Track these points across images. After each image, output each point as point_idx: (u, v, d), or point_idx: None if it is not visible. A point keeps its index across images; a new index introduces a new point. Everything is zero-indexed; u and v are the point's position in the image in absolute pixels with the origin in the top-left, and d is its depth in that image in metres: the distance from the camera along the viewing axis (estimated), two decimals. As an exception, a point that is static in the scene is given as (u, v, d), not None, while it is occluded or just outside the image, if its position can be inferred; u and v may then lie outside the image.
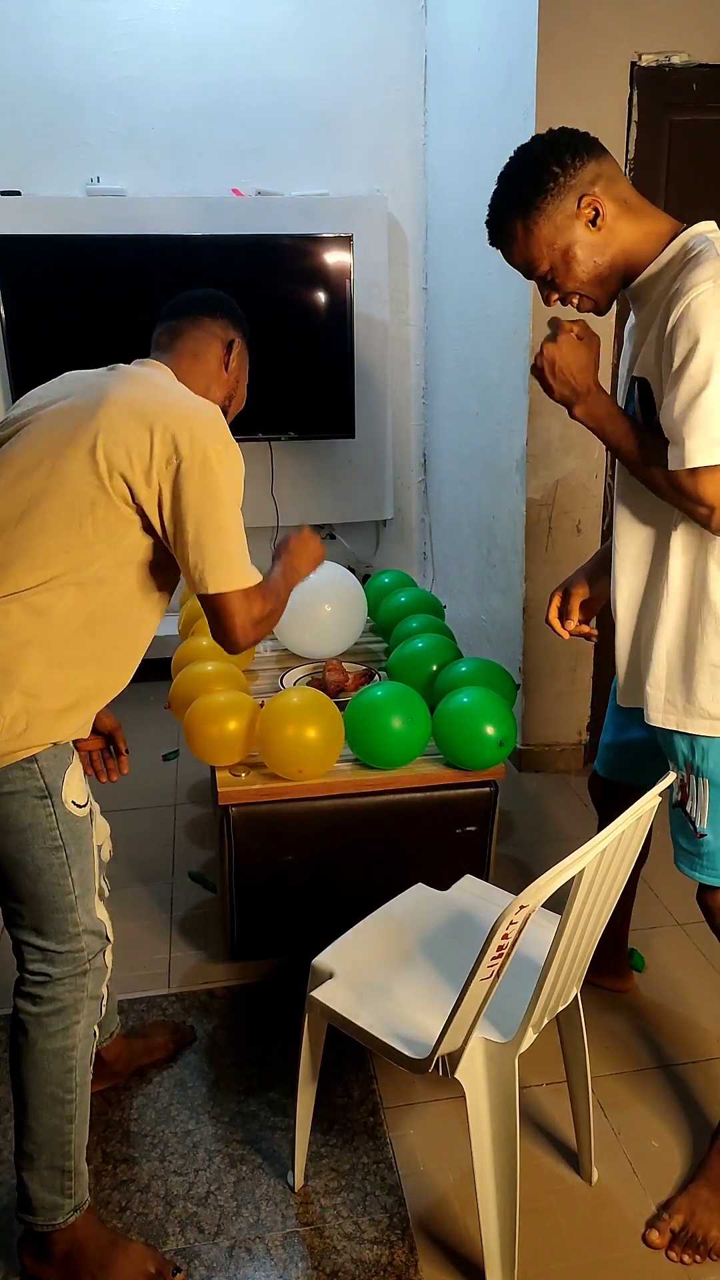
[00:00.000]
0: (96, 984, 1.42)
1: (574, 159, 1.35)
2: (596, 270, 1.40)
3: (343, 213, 3.44)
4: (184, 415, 1.33)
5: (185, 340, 1.54)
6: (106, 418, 1.31)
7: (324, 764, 1.96)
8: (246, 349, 1.61)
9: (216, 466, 1.31)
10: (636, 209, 1.40)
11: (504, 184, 1.41)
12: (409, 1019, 1.43)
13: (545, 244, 1.38)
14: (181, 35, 3.31)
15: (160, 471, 1.30)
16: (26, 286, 3.28)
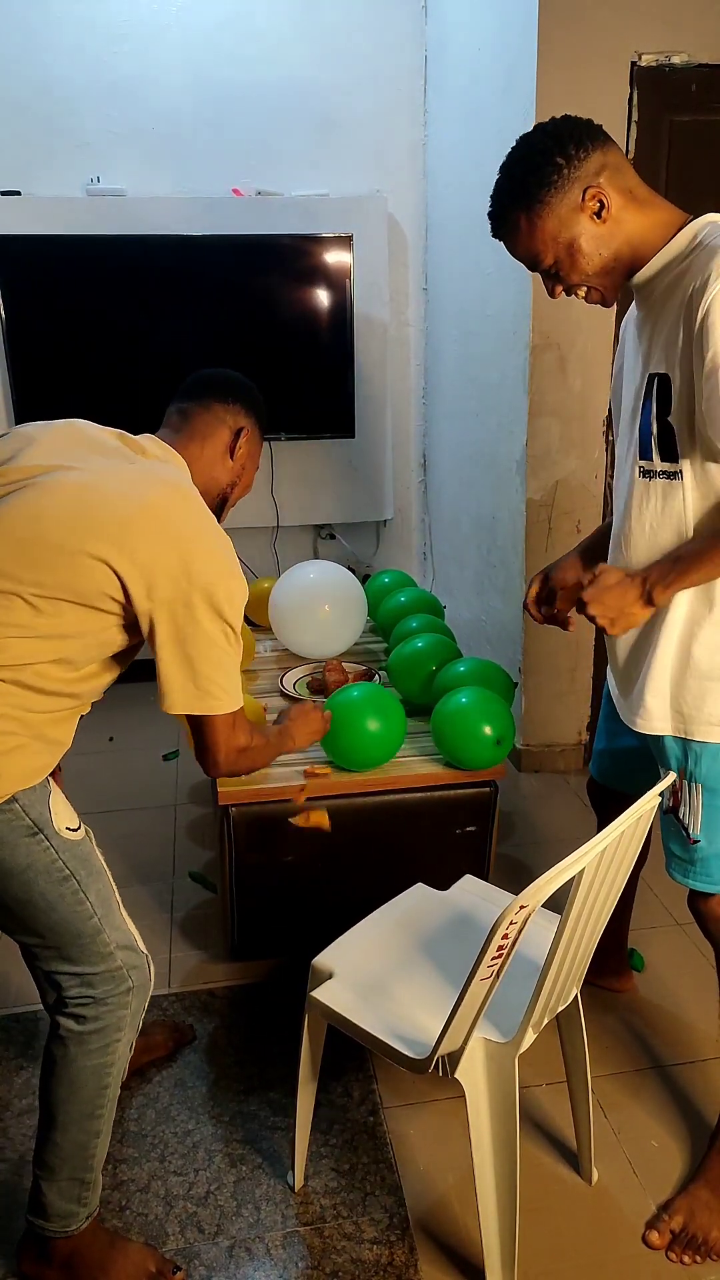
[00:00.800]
0: (141, 1000, 1.42)
1: (578, 149, 1.33)
2: (602, 262, 1.38)
3: (343, 213, 3.44)
4: (197, 545, 1.31)
5: (195, 423, 1.52)
6: (131, 536, 1.27)
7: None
8: (260, 431, 1.60)
9: (224, 601, 1.31)
10: (643, 199, 1.38)
11: (506, 175, 1.37)
12: (409, 1019, 1.43)
13: (550, 237, 1.36)
14: (181, 35, 3.31)
15: (164, 596, 1.29)
16: (26, 286, 3.28)
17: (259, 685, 2.44)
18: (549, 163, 1.32)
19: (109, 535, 1.25)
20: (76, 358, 3.39)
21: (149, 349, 3.40)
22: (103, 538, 1.25)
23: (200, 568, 1.29)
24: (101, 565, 1.25)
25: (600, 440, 2.84)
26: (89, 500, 1.28)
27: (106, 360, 3.40)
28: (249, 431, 1.56)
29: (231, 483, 1.57)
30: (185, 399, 1.55)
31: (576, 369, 2.76)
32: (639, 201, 1.38)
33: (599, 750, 1.84)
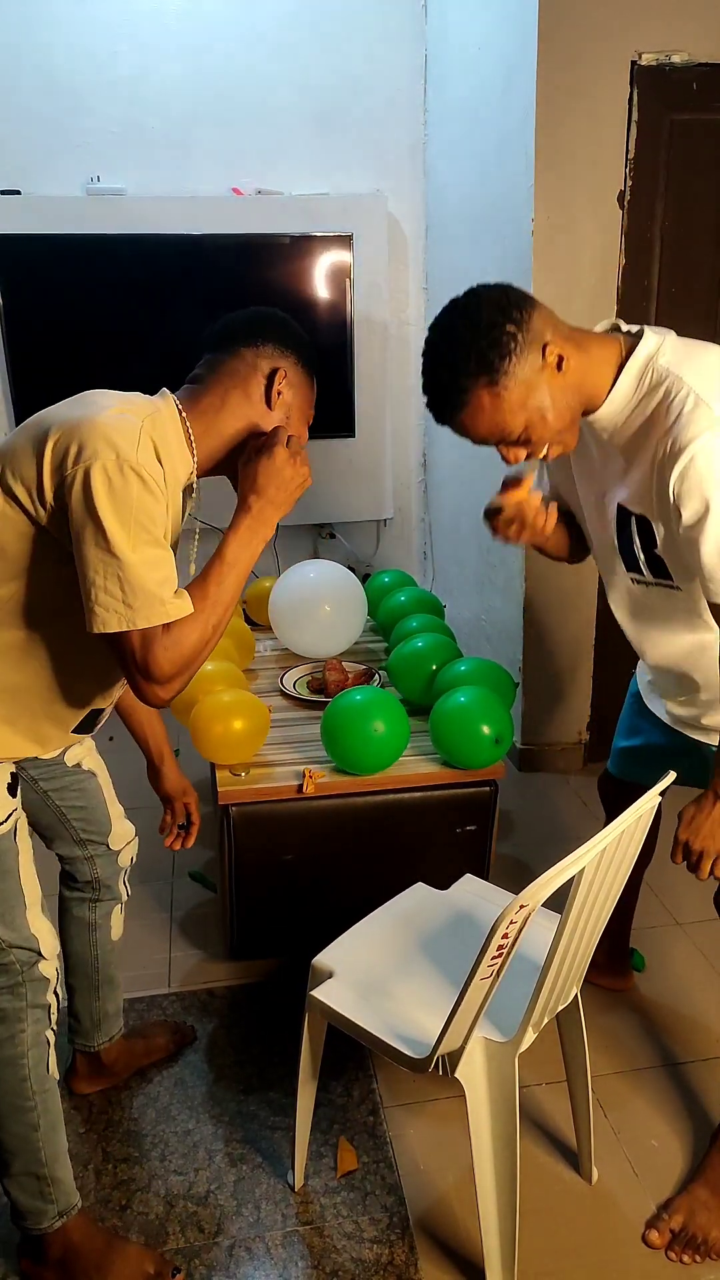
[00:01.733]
0: (37, 994, 1.39)
1: (520, 313, 1.28)
2: (571, 416, 1.35)
3: (343, 212, 3.44)
4: (81, 425, 1.18)
5: (220, 376, 1.34)
6: (17, 441, 1.23)
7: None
8: (304, 369, 1.38)
9: (100, 484, 1.15)
10: (579, 341, 1.35)
11: (456, 352, 1.29)
12: (409, 1018, 1.43)
13: (518, 407, 1.30)
14: (181, 35, 3.31)
15: (48, 489, 1.19)
16: (26, 286, 3.28)
17: (259, 685, 2.44)
18: (502, 331, 1.27)
19: (3, 451, 1.24)
20: (76, 357, 3.39)
21: (149, 348, 3.40)
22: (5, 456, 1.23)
23: (66, 456, 1.17)
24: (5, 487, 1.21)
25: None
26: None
27: (106, 360, 3.39)
28: (288, 371, 1.35)
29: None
30: (211, 349, 1.38)
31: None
32: (579, 344, 1.35)
33: (621, 748, 1.84)
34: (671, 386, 1.30)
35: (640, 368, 1.34)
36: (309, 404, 1.41)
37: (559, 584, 2.92)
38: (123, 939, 1.79)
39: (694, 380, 1.29)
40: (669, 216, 2.67)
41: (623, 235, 2.66)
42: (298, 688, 2.37)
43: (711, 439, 1.24)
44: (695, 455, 1.25)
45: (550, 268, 2.66)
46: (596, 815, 2.81)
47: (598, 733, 3.12)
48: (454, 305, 1.32)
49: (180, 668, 1.24)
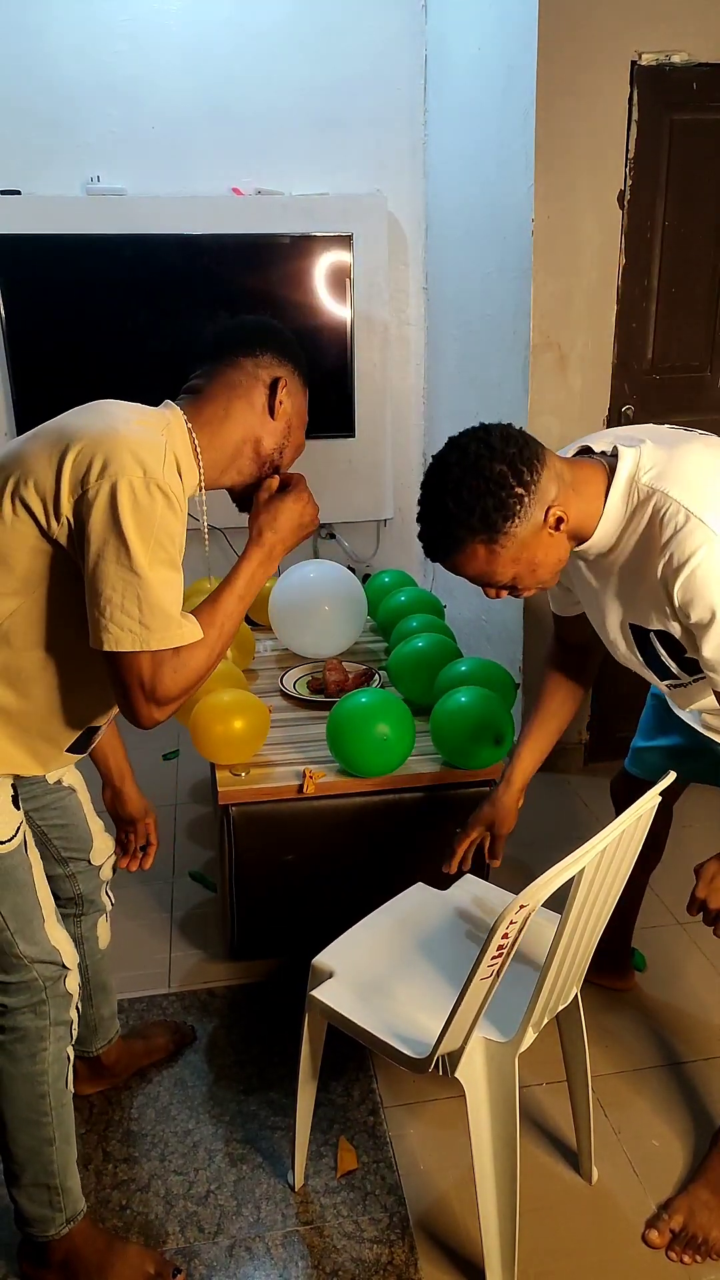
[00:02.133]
0: (60, 1010, 1.38)
1: (531, 473, 1.26)
2: (560, 565, 1.35)
3: (343, 212, 3.44)
4: (106, 439, 1.17)
5: (221, 386, 1.33)
6: (30, 449, 1.22)
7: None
8: (300, 378, 1.38)
9: (125, 501, 1.14)
10: (572, 480, 1.33)
11: (458, 504, 1.27)
12: (409, 1018, 1.43)
13: (510, 562, 1.31)
14: (181, 35, 3.31)
15: (65, 503, 1.17)
16: (26, 286, 3.28)
17: (259, 685, 2.44)
18: (509, 493, 1.25)
19: (15, 458, 1.21)
20: (76, 357, 3.39)
21: (149, 348, 3.40)
22: (10, 463, 1.21)
23: (99, 465, 1.15)
24: (8, 494, 1.19)
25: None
26: (14, 443, 1.26)
27: (106, 360, 3.39)
28: (288, 381, 1.34)
29: (279, 446, 1.37)
30: (209, 358, 1.36)
31: (576, 369, 2.76)
32: (574, 486, 1.32)
33: (640, 747, 1.85)
34: (659, 504, 1.30)
35: (624, 491, 1.33)
36: (304, 411, 1.41)
37: (559, 584, 2.92)
38: (114, 942, 1.78)
39: (680, 494, 1.28)
40: (669, 216, 2.67)
41: (623, 235, 2.66)
42: (298, 688, 2.37)
43: (709, 552, 1.25)
44: (696, 568, 1.26)
45: (550, 268, 2.66)
46: (597, 815, 2.81)
47: (598, 733, 3.12)
48: (463, 450, 1.29)
49: (182, 690, 1.23)
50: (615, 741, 3.12)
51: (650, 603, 1.37)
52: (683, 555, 1.27)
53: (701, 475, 1.31)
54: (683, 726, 1.70)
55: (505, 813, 1.72)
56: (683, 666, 1.46)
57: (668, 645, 1.43)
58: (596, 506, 1.34)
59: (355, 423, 3.64)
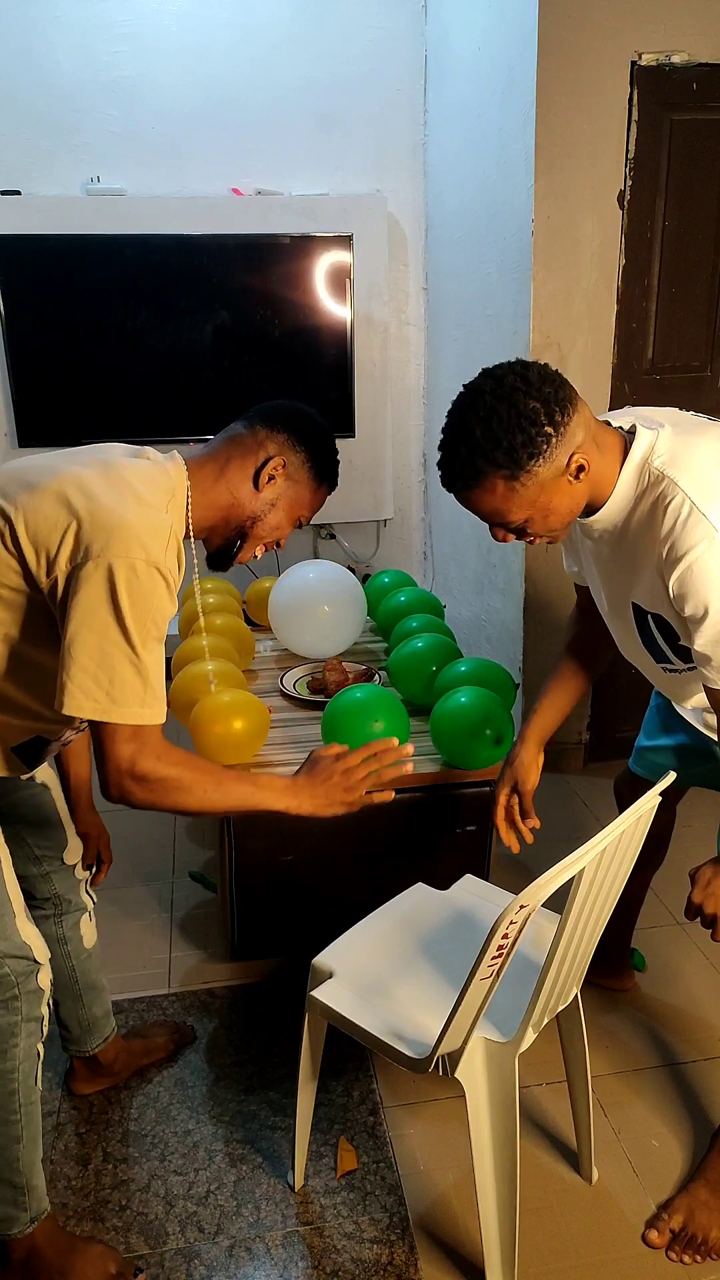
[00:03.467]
0: (31, 1007, 1.37)
1: (564, 415, 1.25)
2: (572, 516, 1.34)
3: (343, 212, 3.44)
4: (112, 521, 1.19)
5: (228, 445, 1.40)
6: (35, 501, 1.23)
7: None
8: (312, 470, 1.41)
9: (123, 580, 1.17)
10: (600, 440, 1.32)
11: (487, 435, 1.25)
12: (409, 1018, 1.43)
13: (527, 502, 1.29)
14: (181, 35, 3.31)
15: (62, 565, 1.20)
16: (26, 286, 3.28)
17: (259, 685, 2.44)
18: (539, 431, 1.24)
19: (14, 498, 1.23)
20: (76, 357, 3.39)
21: (149, 349, 3.40)
22: (8, 497, 1.23)
23: (92, 542, 1.18)
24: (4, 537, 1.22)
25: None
26: (6, 470, 1.28)
27: (106, 360, 3.39)
28: (291, 469, 1.40)
29: (253, 516, 1.40)
30: (243, 417, 1.43)
31: (576, 369, 2.76)
32: (600, 444, 1.32)
33: (645, 746, 1.85)
34: (667, 491, 1.29)
35: (636, 471, 1.33)
36: (307, 505, 1.44)
37: (559, 584, 2.92)
38: (114, 942, 1.78)
39: (689, 485, 1.28)
40: (669, 216, 2.67)
41: (623, 235, 2.67)
42: (298, 688, 2.37)
43: (707, 548, 1.25)
44: (692, 564, 1.26)
45: (550, 268, 2.66)
46: (597, 815, 2.81)
47: (598, 733, 3.12)
48: (498, 381, 1.26)
49: (160, 781, 1.24)
50: (615, 741, 3.12)
51: (648, 586, 1.37)
52: (682, 548, 1.26)
53: (712, 467, 1.30)
54: (686, 726, 1.70)
55: (525, 769, 1.68)
56: (677, 653, 1.45)
57: (663, 630, 1.42)
58: (613, 473, 1.33)
59: (355, 423, 3.64)
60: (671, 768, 1.76)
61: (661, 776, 1.35)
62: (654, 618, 1.42)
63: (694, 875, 1.38)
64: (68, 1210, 1.61)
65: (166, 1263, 1.53)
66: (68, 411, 3.42)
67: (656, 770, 1.84)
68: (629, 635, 1.51)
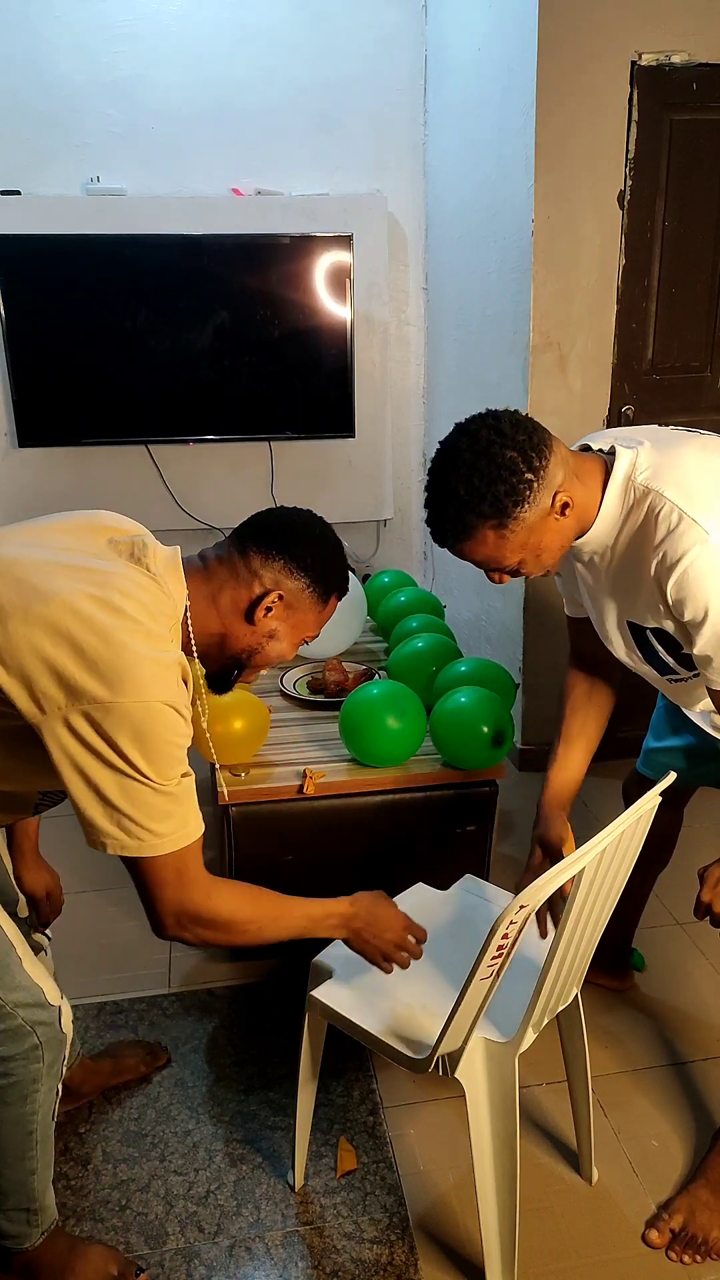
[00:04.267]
0: (54, 1054, 1.33)
1: (540, 459, 1.28)
2: (563, 550, 1.38)
3: (343, 212, 3.44)
4: (121, 667, 1.09)
5: (224, 569, 1.29)
6: (27, 626, 1.10)
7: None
8: (314, 591, 1.32)
9: (127, 737, 1.10)
10: (579, 469, 1.35)
11: (469, 489, 1.27)
12: (409, 1018, 1.43)
13: (518, 545, 1.32)
14: (181, 35, 3.31)
15: (60, 703, 1.09)
16: (26, 286, 3.28)
17: (259, 685, 2.44)
18: (519, 479, 1.27)
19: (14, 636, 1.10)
20: (76, 357, 3.39)
21: (149, 349, 3.40)
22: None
23: (95, 686, 1.08)
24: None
25: (600, 440, 2.84)
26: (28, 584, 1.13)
27: (106, 360, 3.39)
28: (290, 597, 1.30)
29: (249, 649, 1.32)
30: (235, 535, 1.32)
31: (576, 369, 2.76)
32: (580, 475, 1.35)
33: (653, 748, 1.86)
34: (654, 503, 1.32)
35: (621, 489, 1.35)
36: (313, 625, 1.36)
37: (559, 584, 2.92)
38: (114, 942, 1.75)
39: (675, 494, 1.30)
40: (669, 216, 2.67)
41: (623, 235, 2.66)
42: (298, 688, 2.37)
43: (700, 552, 1.27)
44: (688, 568, 1.28)
45: (550, 268, 2.66)
46: (597, 815, 2.81)
47: (598, 733, 3.11)
48: (473, 436, 1.29)
49: (210, 931, 1.27)
50: (616, 741, 3.10)
51: (645, 601, 1.38)
52: (675, 554, 1.28)
53: (697, 476, 1.32)
54: (694, 727, 1.70)
55: (562, 844, 1.65)
56: (680, 662, 1.46)
57: (664, 642, 1.43)
58: (597, 497, 1.36)
59: (355, 423, 3.64)
60: (681, 768, 1.76)
61: (660, 772, 1.36)
62: (653, 632, 1.43)
63: (703, 874, 1.38)
64: (67, 1210, 1.61)
65: (166, 1263, 1.53)
66: (68, 411, 3.42)
67: (665, 771, 1.84)
68: (630, 652, 1.52)
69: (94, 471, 3.55)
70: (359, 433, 3.68)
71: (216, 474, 3.62)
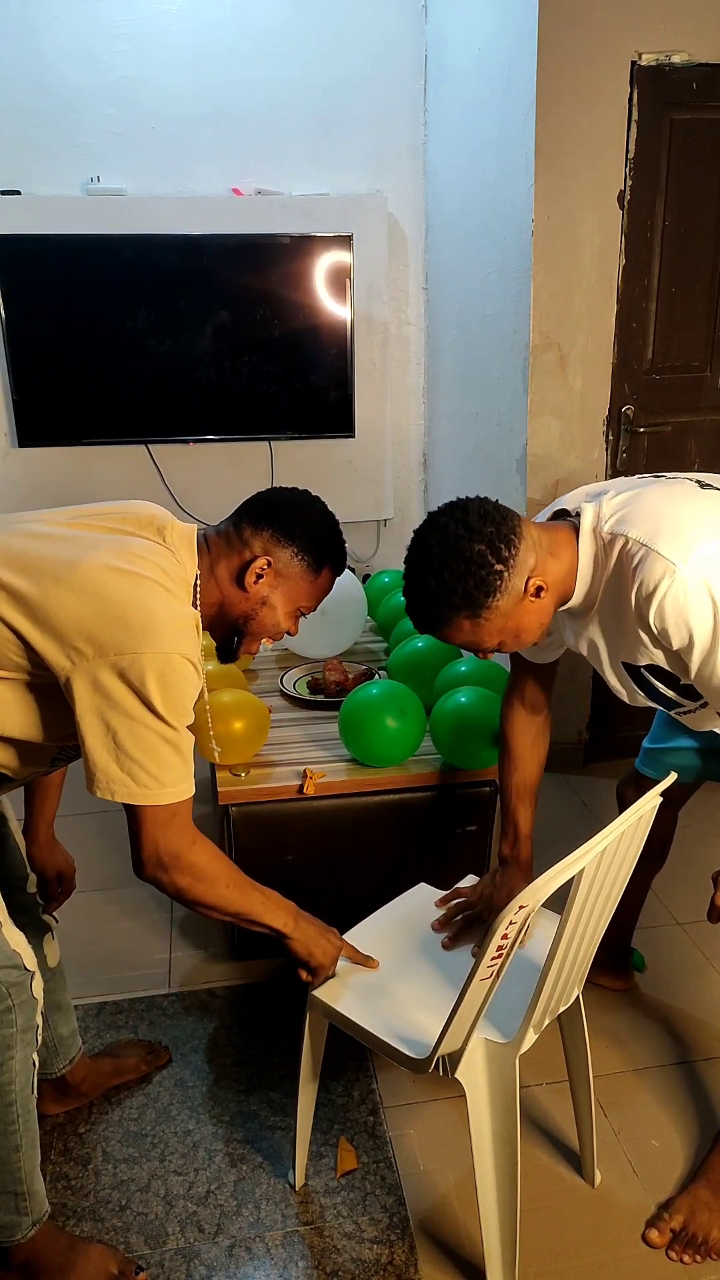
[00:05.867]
0: (26, 1017, 1.34)
1: (510, 549, 1.31)
2: (543, 627, 1.40)
3: (343, 212, 3.44)
4: (144, 635, 1.21)
5: (221, 543, 1.39)
6: (59, 589, 1.22)
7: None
8: (304, 560, 1.40)
9: (152, 682, 1.20)
10: (548, 544, 1.38)
11: (441, 585, 1.31)
12: (410, 1018, 1.43)
13: (495, 630, 1.36)
14: (181, 35, 3.31)
15: (90, 658, 1.20)
16: (26, 286, 3.28)
17: (259, 685, 2.44)
18: (489, 570, 1.30)
19: (16, 589, 1.21)
20: (76, 357, 3.39)
21: (149, 349, 3.40)
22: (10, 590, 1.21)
23: (123, 639, 1.19)
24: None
25: (600, 440, 2.84)
26: (17, 548, 1.25)
27: (106, 360, 3.39)
28: (280, 564, 1.39)
29: (244, 615, 1.41)
30: (233, 514, 1.43)
31: (576, 369, 2.76)
32: (550, 550, 1.37)
33: (653, 749, 1.86)
34: (622, 546, 1.35)
35: (589, 544, 1.39)
36: (306, 595, 1.44)
37: (559, 584, 2.92)
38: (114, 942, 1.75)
39: (639, 533, 1.33)
40: (669, 216, 2.67)
41: (623, 235, 2.67)
42: (298, 688, 2.37)
43: (671, 580, 1.29)
44: (663, 598, 1.29)
45: (550, 268, 2.66)
46: (597, 815, 2.81)
47: (598, 733, 3.12)
48: (442, 530, 1.32)
49: (186, 874, 1.33)
50: (615, 741, 3.12)
51: (634, 639, 1.40)
52: (649, 587, 1.30)
53: (655, 512, 1.35)
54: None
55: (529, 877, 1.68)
56: (682, 694, 1.48)
57: (661, 677, 1.45)
58: (573, 566, 1.39)
59: (355, 423, 3.64)
60: (695, 766, 1.77)
61: (661, 773, 1.36)
62: (648, 669, 1.45)
63: (717, 878, 1.39)
64: (67, 1210, 1.61)
65: (166, 1263, 1.53)
66: (68, 411, 3.42)
67: (658, 768, 1.84)
68: (632, 694, 1.54)
69: (94, 471, 3.55)
70: (359, 433, 3.68)
71: (216, 474, 3.63)
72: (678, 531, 1.31)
